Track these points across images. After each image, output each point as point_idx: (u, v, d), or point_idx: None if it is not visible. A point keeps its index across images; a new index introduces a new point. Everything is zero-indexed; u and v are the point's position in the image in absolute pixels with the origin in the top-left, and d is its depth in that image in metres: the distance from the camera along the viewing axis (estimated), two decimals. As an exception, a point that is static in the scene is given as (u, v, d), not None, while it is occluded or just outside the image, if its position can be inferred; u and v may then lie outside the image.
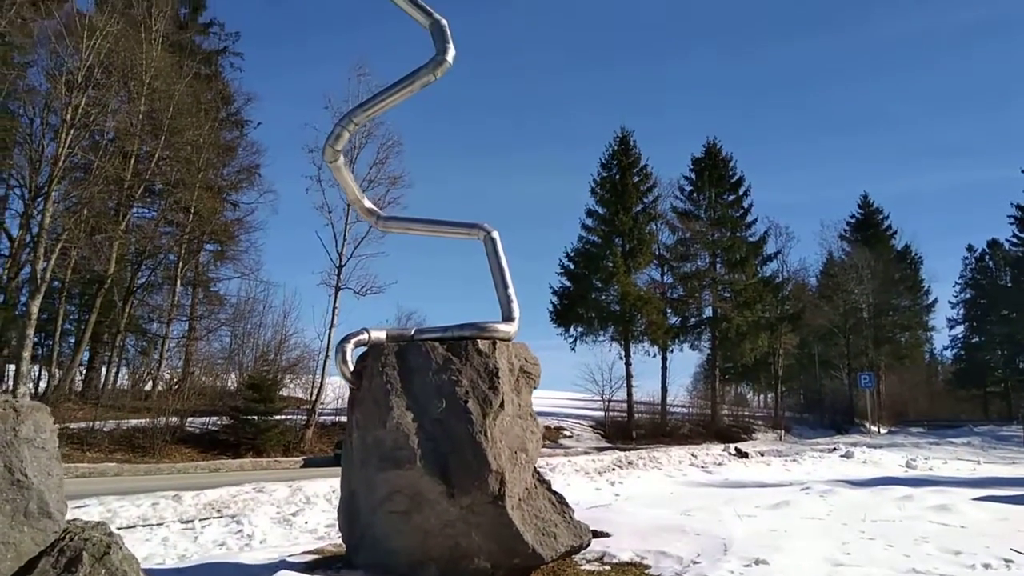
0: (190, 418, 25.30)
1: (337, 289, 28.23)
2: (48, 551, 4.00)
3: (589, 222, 41.90)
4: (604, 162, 42.73)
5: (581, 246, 41.80)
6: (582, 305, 40.96)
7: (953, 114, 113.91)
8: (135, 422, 24.00)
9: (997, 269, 60.40)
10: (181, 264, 33.12)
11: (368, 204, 7.12)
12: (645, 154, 43.02)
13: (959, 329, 61.91)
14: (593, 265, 40.81)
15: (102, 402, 26.17)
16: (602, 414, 39.46)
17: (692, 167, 44.57)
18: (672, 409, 42.74)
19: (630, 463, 19.26)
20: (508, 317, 6.13)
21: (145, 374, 33.58)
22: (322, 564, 6.10)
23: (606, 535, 6.69)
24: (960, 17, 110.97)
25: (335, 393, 28.97)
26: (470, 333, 5.85)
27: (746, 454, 23.82)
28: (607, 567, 5.79)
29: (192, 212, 30.85)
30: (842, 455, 22.96)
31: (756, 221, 44.38)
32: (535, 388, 6.29)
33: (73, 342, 31.18)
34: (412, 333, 6.18)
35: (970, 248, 61.28)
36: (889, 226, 58.23)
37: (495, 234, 6.42)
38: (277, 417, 25.80)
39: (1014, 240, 55.58)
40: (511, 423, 5.62)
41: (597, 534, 6.46)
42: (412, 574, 5.29)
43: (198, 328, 34.56)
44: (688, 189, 44.34)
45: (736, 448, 25.38)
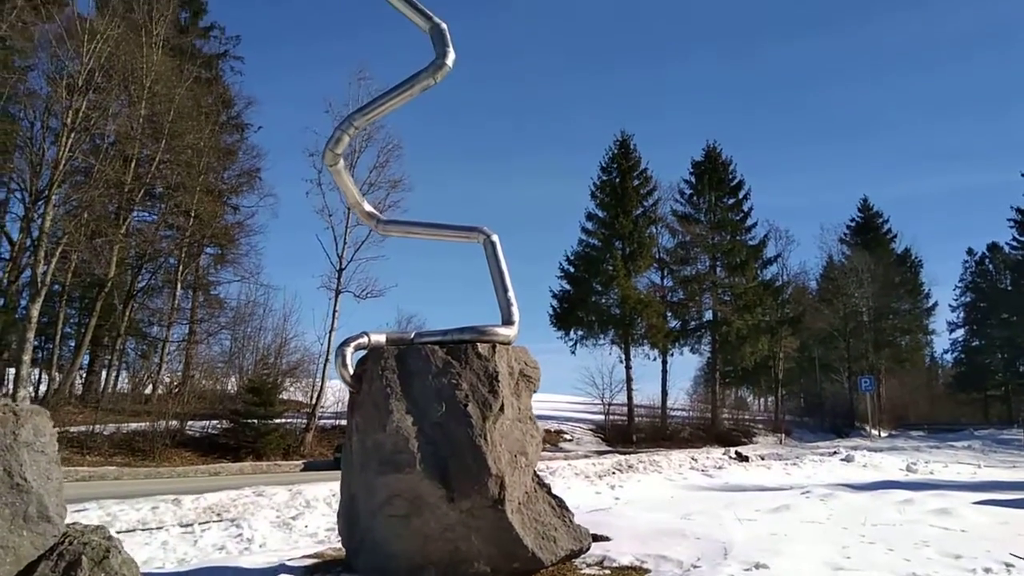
0: (190, 422, 25.29)
1: (337, 292, 28.25)
2: (47, 555, 4.00)
3: (589, 225, 41.98)
4: (604, 165, 42.80)
5: (581, 249, 41.82)
6: (582, 308, 40.94)
7: (953, 118, 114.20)
8: (135, 426, 23.99)
9: (997, 272, 60.36)
10: (181, 268, 33.13)
11: (368, 208, 7.12)
12: (645, 157, 43.11)
13: (959, 332, 61.96)
14: (593, 268, 40.82)
15: (102, 406, 26.14)
16: (602, 417, 39.43)
17: (692, 171, 44.68)
18: (672, 413, 42.69)
19: (630, 467, 19.25)
20: (508, 321, 6.13)
21: (145, 378, 33.58)
22: (322, 568, 6.10)
23: (606, 539, 6.68)
24: (960, 21, 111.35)
25: (335, 396, 28.95)
26: (470, 337, 5.84)
27: (746, 458, 23.80)
28: (607, 571, 5.77)
29: (192, 216, 30.87)
30: (842, 459, 22.94)
31: (756, 225, 44.52)
32: (535, 392, 6.28)
33: (73, 346, 31.17)
34: (412, 337, 6.17)
35: (970, 251, 61.42)
36: (889, 230, 58.39)
37: (495, 237, 6.42)
38: (277, 421, 25.77)
39: (1014, 243, 55.67)
40: (511, 427, 5.62)
41: (597, 538, 6.45)
42: (412, 578, 5.28)
43: (198, 332, 34.58)
44: (688, 192, 44.44)
45: (736, 452, 25.36)
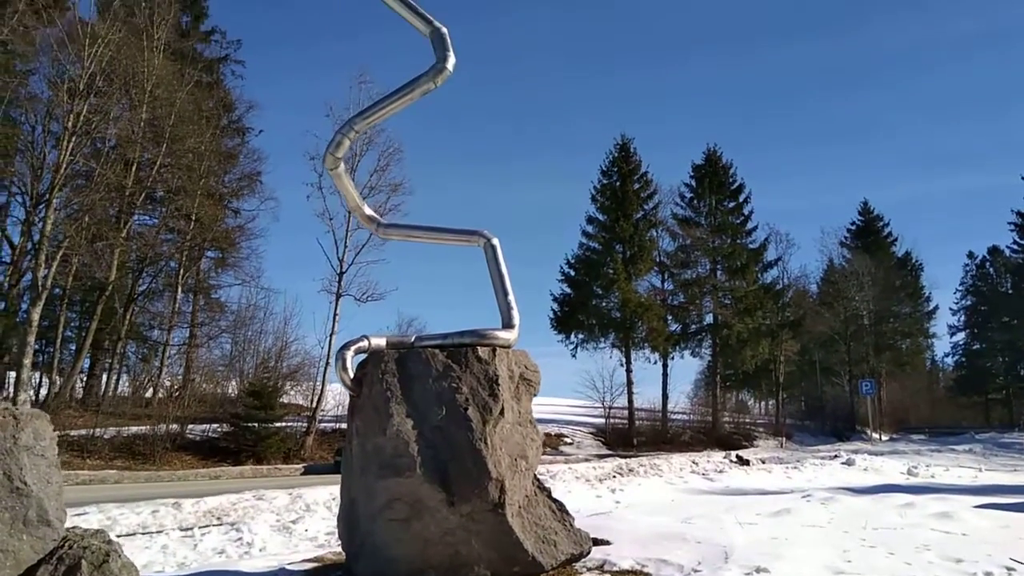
0: (190, 425, 25.29)
1: (338, 296, 28.28)
2: (47, 559, 4.00)
3: (590, 229, 42.02)
4: (604, 169, 42.84)
5: (581, 253, 41.84)
6: (583, 312, 40.94)
7: (953, 120, 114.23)
8: (135, 429, 23.99)
9: (998, 276, 60.32)
10: (182, 271, 33.16)
11: (368, 211, 7.12)
12: (645, 161, 43.17)
13: (960, 336, 61.88)
14: (594, 272, 40.82)
15: (102, 409, 26.14)
16: (603, 421, 39.39)
17: (692, 174, 44.72)
18: (673, 416, 42.64)
19: (631, 470, 19.21)
20: (508, 324, 6.12)
21: (146, 381, 33.56)
22: (322, 572, 6.09)
23: (607, 543, 6.66)
24: (960, 25, 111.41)
25: (335, 400, 28.94)
26: (470, 340, 5.84)
27: (747, 461, 23.73)
28: (607, 575, 5.76)
29: (193, 219, 30.90)
30: (843, 462, 22.91)
31: (756, 228, 44.54)
32: (535, 395, 6.27)
33: (74, 349, 31.19)
34: (412, 340, 6.16)
35: (971, 255, 61.39)
36: (889, 233, 58.38)
37: (495, 241, 6.42)
38: (277, 424, 25.76)
39: (1014, 247, 55.62)
40: (511, 430, 5.61)
41: (598, 542, 6.43)
42: (412, 582, 5.27)
43: (199, 335, 34.62)
44: (688, 196, 44.47)
45: (737, 455, 25.28)
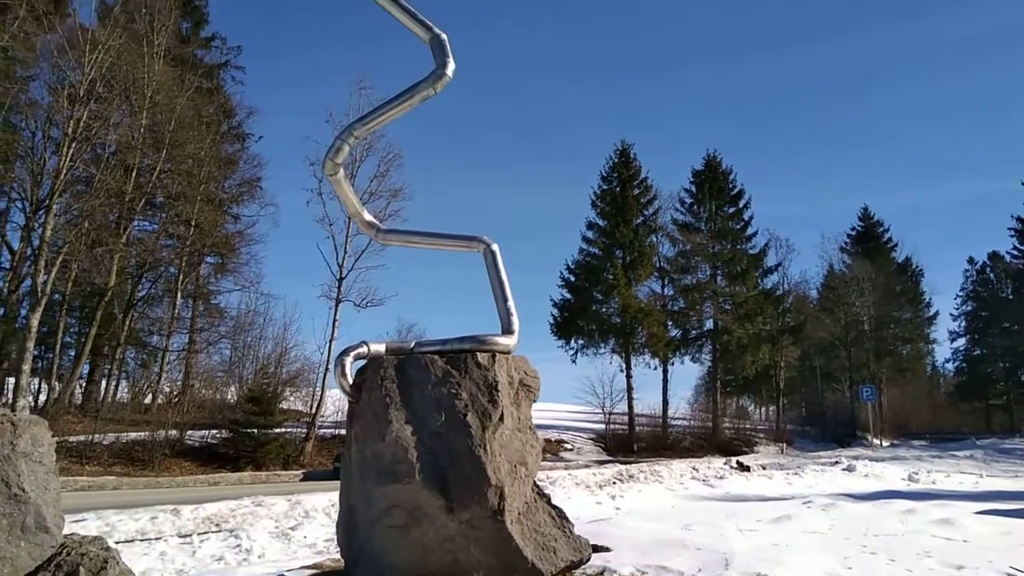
0: (189, 431, 25.25)
1: (337, 301, 28.29)
2: (45, 565, 3.98)
3: (590, 234, 42.11)
4: (604, 175, 42.96)
5: (582, 258, 41.91)
6: (583, 317, 40.96)
7: (953, 126, 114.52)
8: (134, 435, 23.96)
9: (998, 281, 60.32)
10: (182, 277, 33.17)
11: (368, 217, 7.12)
12: (645, 167, 43.37)
13: (961, 341, 61.83)
14: (594, 277, 40.86)
15: (102, 415, 26.12)
16: (603, 427, 39.36)
17: (692, 180, 44.82)
18: (673, 422, 42.63)
19: (631, 476, 19.17)
20: (508, 330, 6.11)
21: (145, 387, 33.55)
22: (320, 579, 6.06)
23: (606, 550, 6.64)
24: (959, 30, 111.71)
25: (335, 406, 28.91)
26: (469, 346, 5.83)
27: (748, 467, 23.70)
28: (607, 582, 5.74)
29: (193, 225, 30.94)
30: (844, 468, 22.88)
31: (756, 233, 44.68)
32: (535, 401, 6.26)
33: (73, 355, 31.18)
34: (412, 346, 6.15)
35: (971, 260, 61.38)
36: (890, 238, 58.41)
37: (495, 247, 6.41)
38: (277, 430, 25.73)
39: (1015, 252, 55.70)
40: (510, 436, 5.59)
41: (597, 549, 6.41)
42: (411, 589, 5.24)
43: (198, 341, 34.58)
44: (688, 201, 44.58)
45: (738, 461, 25.25)
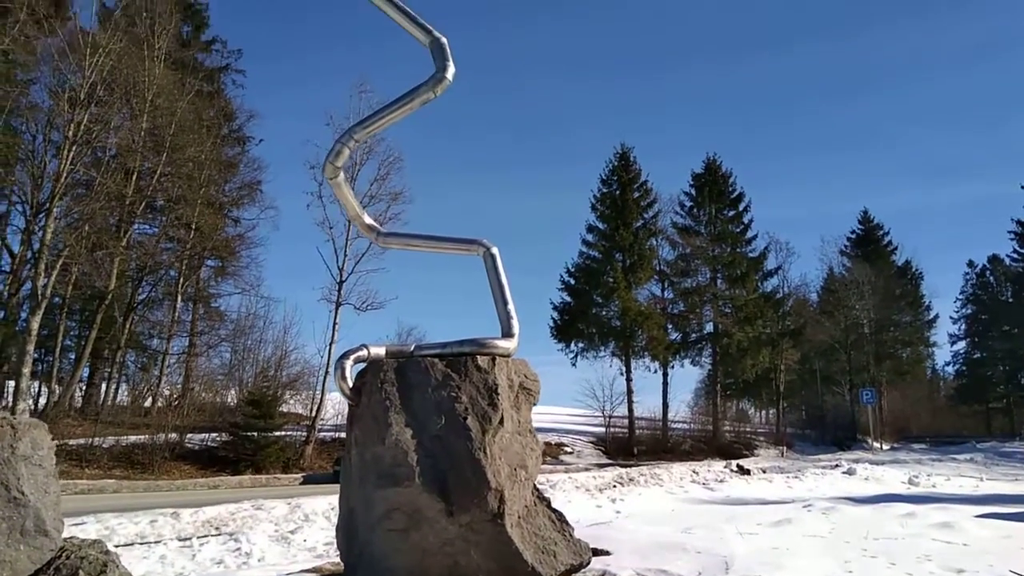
0: (189, 434, 25.23)
1: (338, 305, 28.27)
2: (44, 569, 3.98)
3: (590, 237, 42.11)
4: (604, 178, 42.98)
5: (582, 261, 41.90)
6: (583, 320, 40.94)
7: (953, 129, 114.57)
8: (134, 438, 23.93)
9: (998, 284, 60.31)
10: (182, 280, 33.17)
11: (368, 220, 7.12)
12: (645, 170, 43.39)
13: (960, 345, 61.80)
14: (594, 280, 40.86)
15: (101, 418, 26.09)
16: (603, 430, 39.32)
17: (692, 183, 44.90)
18: (673, 425, 42.59)
19: (631, 480, 19.15)
20: (508, 333, 6.11)
21: (145, 390, 33.54)
22: (320, 582, 6.06)
23: (606, 553, 6.64)
24: (959, 32, 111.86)
25: (335, 409, 28.90)
26: (469, 349, 5.83)
27: (748, 471, 23.68)
28: (607, 585, 5.74)
29: (193, 228, 30.94)
30: (844, 472, 22.85)
31: (756, 237, 44.68)
32: (535, 404, 6.25)
33: (73, 358, 31.15)
34: (411, 349, 6.15)
35: (971, 264, 61.37)
36: (890, 242, 58.44)
37: (495, 250, 6.41)
38: (277, 433, 25.70)
39: (1014, 256, 55.71)
40: (511, 440, 5.59)
41: (597, 552, 6.40)
42: (411, 593, 5.23)
43: (198, 344, 34.57)
44: (688, 205, 44.63)
45: (738, 465, 25.24)
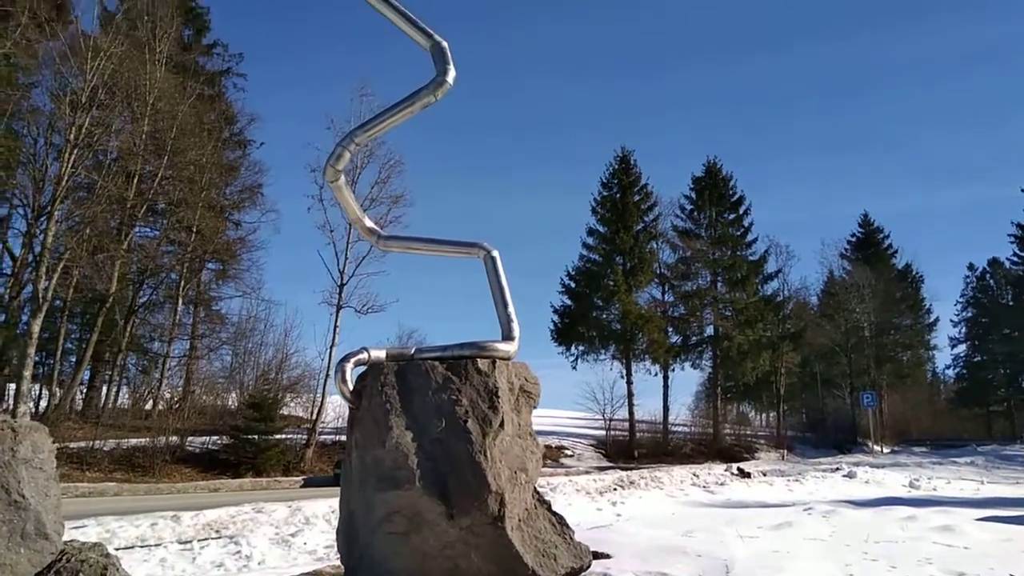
0: (190, 437, 25.23)
1: (338, 308, 28.30)
2: (45, 572, 3.98)
3: (590, 241, 42.14)
4: (605, 181, 43.03)
5: (582, 265, 41.91)
6: (583, 324, 40.93)
7: (953, 132, 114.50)
8: (135, 441, 23.93)
9: (998, 288, 60.26)
10: (183, 283, 33.18)
11: (369, 223, 7.13)
12: (645, 173, 43.43)
13: (961, 348, 61.65)
14: (594, 284, 40.86)
15: (102, 421, 26.08)
16: (603, 433, 39.29)
17: (692, 186, 44.93)
18: (674, 428, 42.55)
19: (631, 483, 19.11)
20: (508, 336, 6.12)
21: (146, 393, 33.53)
22: (320, 586, 6.05)
23: (607, 556, 6.64)
24: (959, 35, 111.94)
25: (336, 412, 28.88)
26: (470, 352, 5.83)
27: (748, 474, 23.63)
28: (608, 589, 5.73)
29: (194, 231, 30.97)
30: (845, 475, 22.82)
31: (757, 240, 44.70)
32: (535, 407, 6.26)
33: (74, 361, 31.15)
34: (412, 352, 6.15)
35: (971, 267, 61.31)
36: (890, 245, 58.40)
37: (495, 253, 6.42)
38: (277, 436, 25.69)
39: (1015, 259, 55.63)
40: (511, 443, 5.59)
41: (598, 555, 6.40)
42: (411, 596, 5.23)
43: (199, 347, 34.60)
44: (689, 208, 44.64)
45: (738, 468, 25.18)
